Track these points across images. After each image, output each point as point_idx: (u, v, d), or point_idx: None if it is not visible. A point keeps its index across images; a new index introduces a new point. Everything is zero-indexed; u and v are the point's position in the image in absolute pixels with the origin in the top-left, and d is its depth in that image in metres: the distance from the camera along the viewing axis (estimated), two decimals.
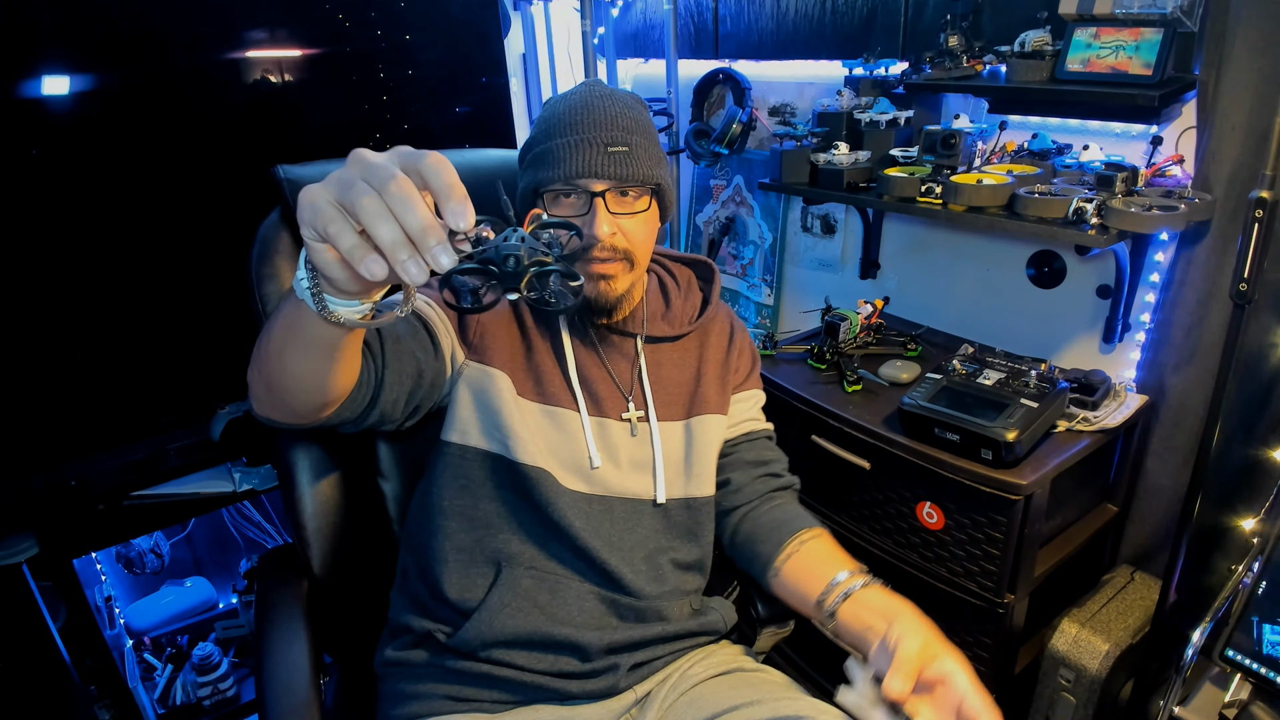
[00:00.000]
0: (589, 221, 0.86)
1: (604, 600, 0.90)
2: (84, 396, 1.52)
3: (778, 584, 0.92)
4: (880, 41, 1.62)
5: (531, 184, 0.89)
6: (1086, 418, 1.28)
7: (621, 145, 0.86)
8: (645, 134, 0.90)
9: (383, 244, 0.48)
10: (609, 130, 0.87)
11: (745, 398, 1.05)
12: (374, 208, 0.48)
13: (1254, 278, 0.99)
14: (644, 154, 0.88)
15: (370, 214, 0.48)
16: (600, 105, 0.88)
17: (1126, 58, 1.19)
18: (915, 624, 0.76)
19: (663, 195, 0.92)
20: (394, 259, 0.48)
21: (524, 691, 0.87)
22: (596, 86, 0.92)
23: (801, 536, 0.93)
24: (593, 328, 0.96)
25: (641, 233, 0.91)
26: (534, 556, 0.90)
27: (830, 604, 0.83)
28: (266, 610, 0.98)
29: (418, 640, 0.91)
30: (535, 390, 0.93)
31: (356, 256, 0.49)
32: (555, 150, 0.87)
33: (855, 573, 0.85)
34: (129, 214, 1.49)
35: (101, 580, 1.85)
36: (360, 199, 0.48)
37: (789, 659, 1.61)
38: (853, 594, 0.83)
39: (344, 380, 0.75)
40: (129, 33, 1.43)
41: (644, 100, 0.95)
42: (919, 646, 0.72)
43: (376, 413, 0.84)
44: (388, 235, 0.47)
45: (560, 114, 0.89)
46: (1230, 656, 1.03)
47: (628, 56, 2.29)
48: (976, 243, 1.63)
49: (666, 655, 0.93)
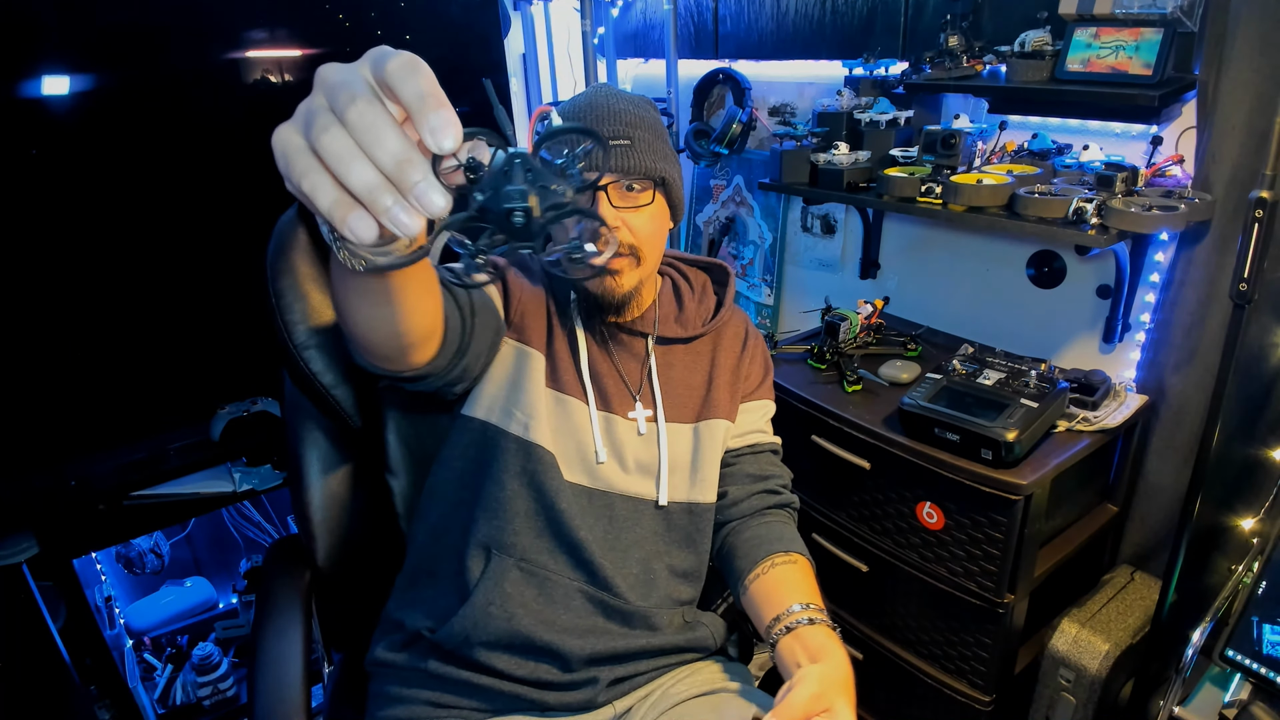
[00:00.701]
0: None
1: (591, 600, 0.90)
2: (84, 396, 1.52)
3: (745, 601, 0.92)
4: (880, 41, 1.62)
5: None
6: (1086, 418, 1.28)
7: (623, 138, 0.87)
8: (650, 129, 0.90)
9: (357, 192, 0.38)
10: (611, 124, 0.87)
11: (755, 408, 1.04)
12: (337, 146, 0.38)
13: (1254, 278, 0.99)
14: (647, 147, 0.88)
15: (334, 155, 0.38)
16: (604, 103, 0.89)
17: (1126, 58, 1.19)
18: (822, 673, 0.74)
19: (669, 190, 0.92)
20: (374, 208, 0.39)
21: (502, 700, 0.87)
22: (604, 88, 0.92)
23: (775, 559, 0.92)
24: (603, 324, 0.96)
25: (648, 228, 0.90)
26: (526, 548, 0.89)
27: (774, 633, 0.83)
28: (267, 596, 0.99)
29: (407, 640, 0.91)
30: (552, 377, 0.93)
31: (338, 216, 0.39)
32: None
33: (808, 607, 0.84)
34: (129, 214, 1.50)
35: (101, 580, 1.85)
36: (321, 136, 0.38)
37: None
38: (796, 629, 0.82)
39: (419, 322, 0.68)
40: (129, 33, 1.43)
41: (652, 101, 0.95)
42: (809, 696, 0.70)
43: (462, 365, 0.82)
44: (359, 179, 0.38)
45: (564, 112, 0.90)
46: (1230, 656, 1.03)
47: (628, 56, 2.29)
48: (976, 243, 1.63)
49: (650, 671, 0.92)
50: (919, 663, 1.38)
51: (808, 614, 0.83)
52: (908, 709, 1.44)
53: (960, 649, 1.31)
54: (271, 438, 1.65)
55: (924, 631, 1.37)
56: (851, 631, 1.49)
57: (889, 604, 1.42)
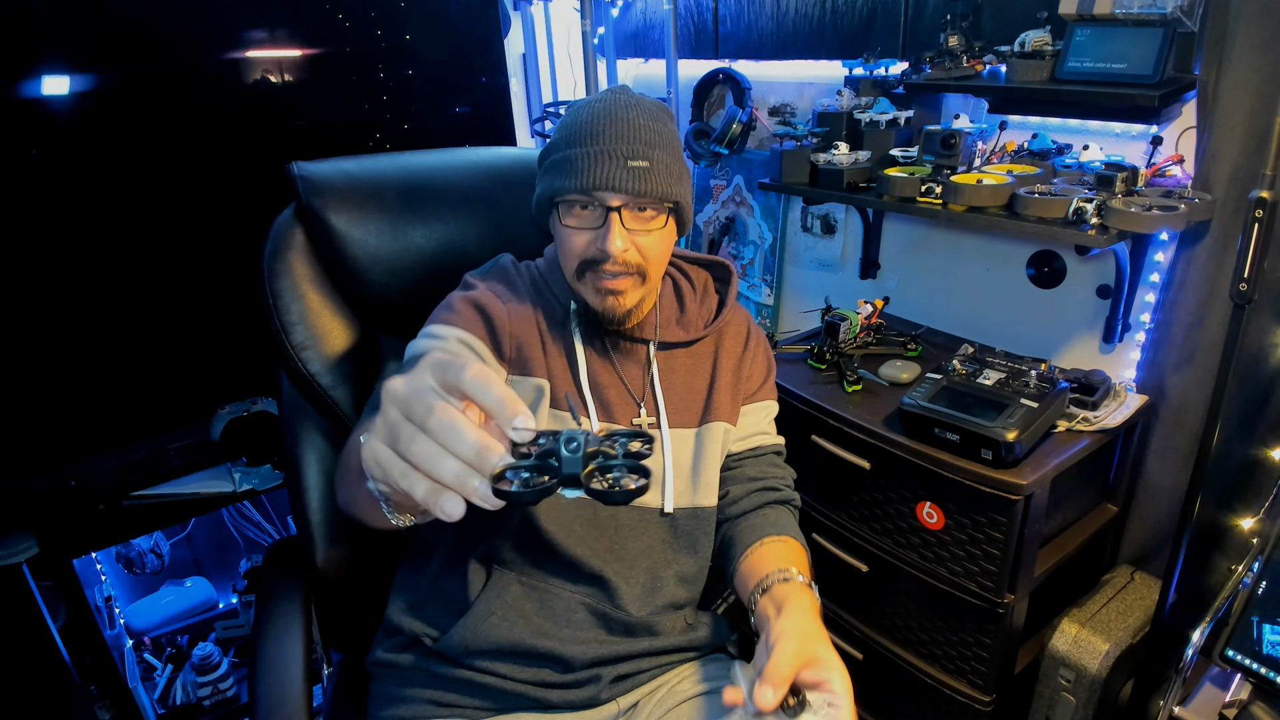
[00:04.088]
0: (602, 235, 0.85)
1: (594, 613, 0.90)
2: (84, 396, 1.52)
3: (737, 582, 0.91)
4: (880, 41, 1.62)
5: (548, 192, 0.87)
6: (1086, 418, 1.28)
7: (642, 160, 0.84)
8: (668, 148, 0.88)
9: (446, 482, 0.47)
10: (630, 143, 0.84)
11: (757, 409, 1.03)
12: (426, 451, 0.47)
13: (1254, 278, 0.99)
14: (664, 170, 0.86)
15: (425, 458, 0.47)
16: (623, 115, 0.86)
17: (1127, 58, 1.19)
18: (797, 625, 0.71)
19: (680, 212, 0.90)
20: (463, 491, 0.47)
21: (505, 700, 0.87)
22: (622, 95, 0.89)
23: (766, 540, 0.91)
24: (605, 335, 0.96)
25: (656, 249, 0.89)
26: (526, 564, 0.90)
27: (751, 599, 0.81)
28: (267, 597, 0.99)
29: (408, 643, 0.91)
30: (550, 398, 0.92)
31: (432, 501, 0.47)
32: (574, 159, 0.84)
33: (787, 570, 0.82)
34: (129, 214, 1.50)
35: (101, 580, 1.85)
36: (410, 446, 0.47)
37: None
38: (770, 589, 0.80)
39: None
40: (128, 33, 1.43)
41: (669, 108, 0.93)
42: (790, 654, 0.66)
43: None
44: (448, 473, 0.46)
45: (583, 121, 0.86)
46: (1230, 656, 1.03)
47: (628, 56, 2.29)
48: (976, 243, 1.63)
49: (651, 669, 0.92)
50: (919, 663, 1.38)
51: (783, 575, 0.81)
52: (908, 709, 1.44)
53: (960, 649, 1.31)
54: (271, 438, 1.65)
55: (924, 631, 1.37)
56: (851, 631, 1.49)
57: (889, 604, 1.42)
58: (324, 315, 1.06)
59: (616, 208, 0.84)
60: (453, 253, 1.11)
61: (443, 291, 1.00)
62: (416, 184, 1.11)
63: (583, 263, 0.88)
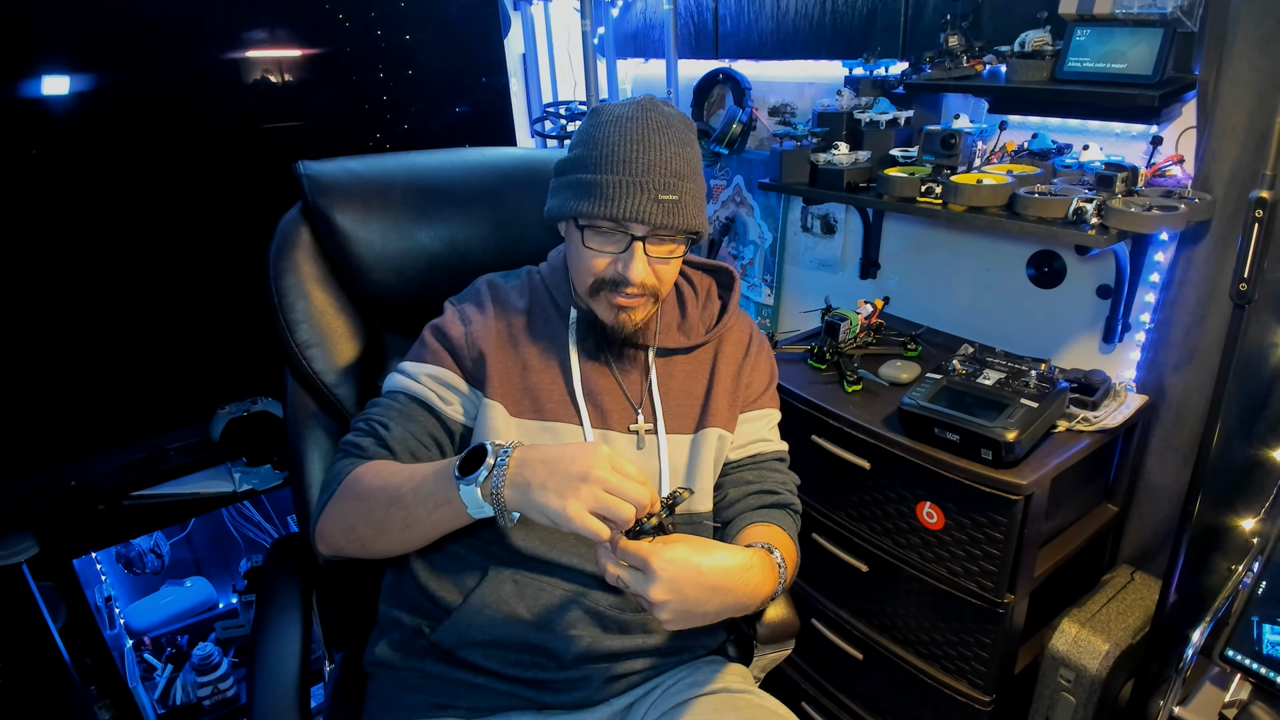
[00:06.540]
0: (624, 260, 0.86)
1: (587, 610, 0.90)
2: (84, 396, 1.52)
3: None
4: (880, 41, 1.62)
5: (572, 212, 0.87)
6: (1086, 418, 1.28)
7: (672, 194, 0.85)
8: (694, 177, 0.89)
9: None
10: (662, 175, 0.84)
11: (757, 416, 1.03)
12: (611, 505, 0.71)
13: (1254, 278, 0.99)
14: (692, 202, 0.87)
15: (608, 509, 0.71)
16: (655, 142, 0.85)
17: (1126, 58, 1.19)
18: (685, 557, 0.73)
19: (700, 238, 0.93)
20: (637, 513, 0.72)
21: (500, 699, 0.88)
22: (654, 114, 0.87)
23: (752, 528, 0.93)
24: (604, 343, 0.96)
25: (671, 271, 0.91)
26: (520, 565, 0.90)
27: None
28: (268, 595, 1.00)
29: (404, 639, 0.92)
30: (533, 409, 0.92)
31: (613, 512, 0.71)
32: (604, 186, 0.84)
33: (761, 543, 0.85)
34: (129, 214, 1.50)
35: (101, 580, 1.85)
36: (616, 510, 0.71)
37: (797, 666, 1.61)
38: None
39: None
40: (128, 33, 1.43)
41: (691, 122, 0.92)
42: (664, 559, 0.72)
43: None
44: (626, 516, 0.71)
45: (614, 144, 0.85)
46: (1230, 656, 1.03)
47: (628, 56, 2.29)
48: (976, 243, 1.63)
49: (645, 670, 0.92)
50: (919, 662, 1.38)
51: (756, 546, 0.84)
52: (907, 709, 1.44)
53: (960, 649, 1.31)
54: (271, 438, 1.65)
55: (924, 631, 1.37)
56: (851, 631, 1.49)
57: (889, 604, 1.42)
58: (329, 314, 1.06)
59: (642, 236, 0.86)
60: (458, 252, 1.11)
61: (447, 291, 1.01)
62: (422, 184, 1.12)
63: (599, 281, 0.89)
